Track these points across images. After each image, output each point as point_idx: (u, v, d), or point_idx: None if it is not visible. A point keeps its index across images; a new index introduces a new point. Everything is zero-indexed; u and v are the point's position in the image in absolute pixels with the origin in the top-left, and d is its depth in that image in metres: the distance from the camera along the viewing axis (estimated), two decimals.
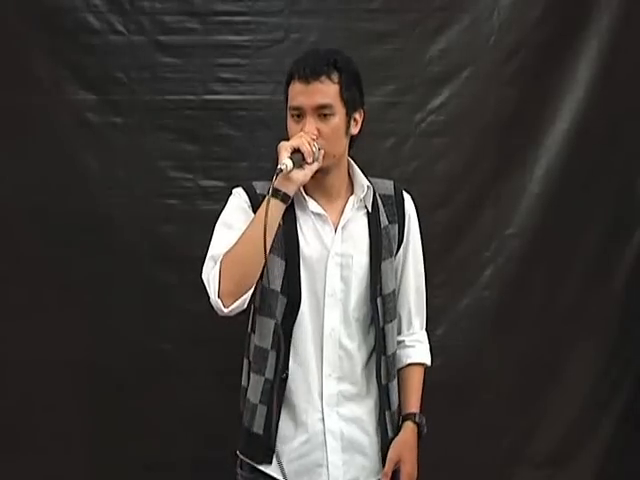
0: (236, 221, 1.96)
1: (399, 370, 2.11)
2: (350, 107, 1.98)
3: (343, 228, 2.00)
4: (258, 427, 2.00)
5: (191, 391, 2.62)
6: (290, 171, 1.86)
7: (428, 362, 2.16)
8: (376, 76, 2.61)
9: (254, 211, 1.95)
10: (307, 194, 2.00)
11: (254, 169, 2.61)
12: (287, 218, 1.96)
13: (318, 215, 2.00)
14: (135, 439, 2.65)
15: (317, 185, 1.99)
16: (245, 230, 1.89)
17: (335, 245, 1.99)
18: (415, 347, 2.13)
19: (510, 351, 2.75)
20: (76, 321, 2.63)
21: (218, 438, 2.30)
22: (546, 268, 2.76)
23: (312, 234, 1.99)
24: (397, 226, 2.05)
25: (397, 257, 2.07)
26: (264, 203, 1.86)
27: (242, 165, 2.63)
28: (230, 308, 1.89)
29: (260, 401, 1.99)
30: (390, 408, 2.05)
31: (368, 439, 2.03)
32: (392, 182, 2.11)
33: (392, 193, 2.08)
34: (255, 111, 2.62)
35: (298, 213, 1.99)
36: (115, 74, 2.60)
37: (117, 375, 2.64)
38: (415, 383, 2.12)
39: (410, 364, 2.12)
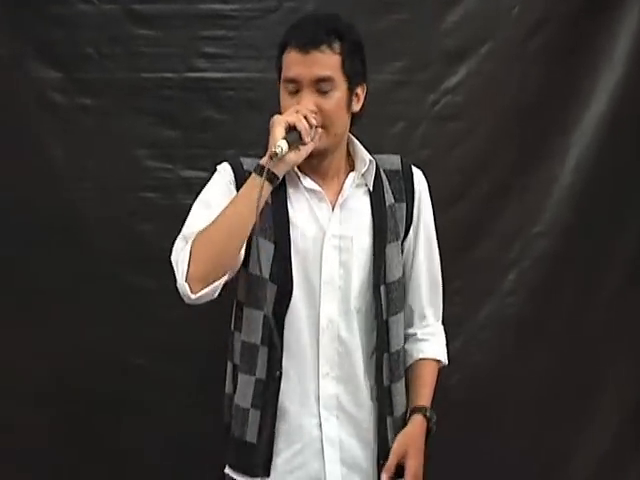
0: (215, 200, 1.99)
1: (409, 365, 2.13)
2: (352, 81, 2.00)
3: (342, 206, 2.02)
4: (251, 435, 2.02)
5: (171, 409, 2.65)
6: (285, 154, 1.88)
7: (444, 359, 2.16)
8: (382, 51, 2.62)
9: (238, 189, 1.98)
10: (301, 171, 2.02)
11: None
12: (277, 196, 1.98)
13: (312, 192, 2.02)
14: (109, 462, 2.68)
15: (312, 165, 2.02)
16: (223, 209, 1.91)
17: (332, 225, 2.01)
18: (429, 341, 2.15)
19: (537, 367, 2.76)
20: (39, 331, 2.65)
21: (201, 458, 2.36)
22: (578, 271, 2.78)
23: (306, 213, 2.02)
24: (405, 205, 2.07)
25: (406, 241, 2.10)
26: (248, 181, 1.90)
27: (229, 153, 2.52)
28: (198, 295, 1.88)
29: (252, 405, 2.01)
30: (392, 414, 2.07)
31: (366, 450, 2.06)
32: (399, 156, 2.13)
33: (399, 168, 2.10)
34: (244, 91, 2.64)
35: (290, 190, 2.02)
36: (84, 49, 2.61)
37: (87, 392, 2.65)
38: (428, 378, 2.12)
39: (422, 359, 2.13)
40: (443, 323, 2.23)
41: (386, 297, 2.04)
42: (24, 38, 2.61)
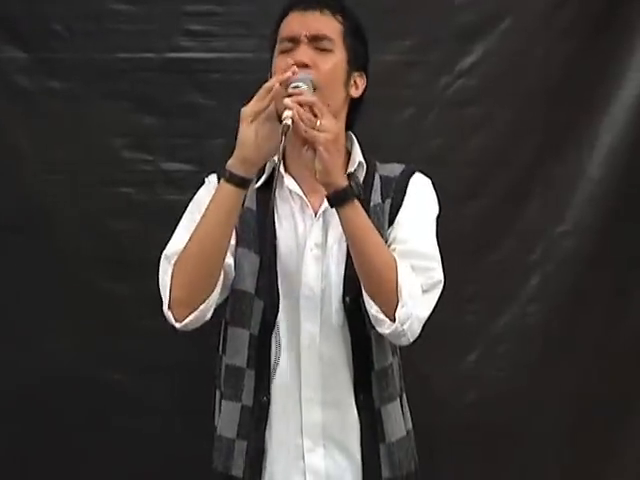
0: (202, 212, 1.97)
1: None
2: (352, 59, 2.01)
3: (325, 213, 2.01)
4: (237, 469, 2.00)
5: (149, 431, 2.62)
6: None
7: (402, 278, 1.89)
8: (389, 29, 2.61)
9: None
10: (286, 170, 2.01)
11: (231, 147, 2.49)
12: (262, 199, 1.98)
13: (297, 196, 2.02)
14: None
15: (302, 159, 1.94)
16: (196, 226, 1.93)
17: (314, 234, 2.01)
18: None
19: (564, 386, 2.73)
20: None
21: None
22: (609, 275, 2.74)
23: (289, 220, 2.02)
24: (390, 200, 2.05)
25: (386, 236, 2.04)
26: (217, 191, 1.91)
27: (216, 143, 2.60)
28: (184, 322, 1.92)
29: (238, 435, 2.00)
30: (385, 439, 2.03)
31: None
32: (403, 166, 2.11)
33: (397, 174, 2.08)
34: (233, 73, 2.62)
35: (276, 192, 1.98)
36: (52, 25, 2.60)
37: (52, 411, 2.63)
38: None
39: None
40: (454, 335, 2.15)
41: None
42: None
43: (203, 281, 1.91)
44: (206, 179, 2.08)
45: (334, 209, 1.93)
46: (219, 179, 2.01)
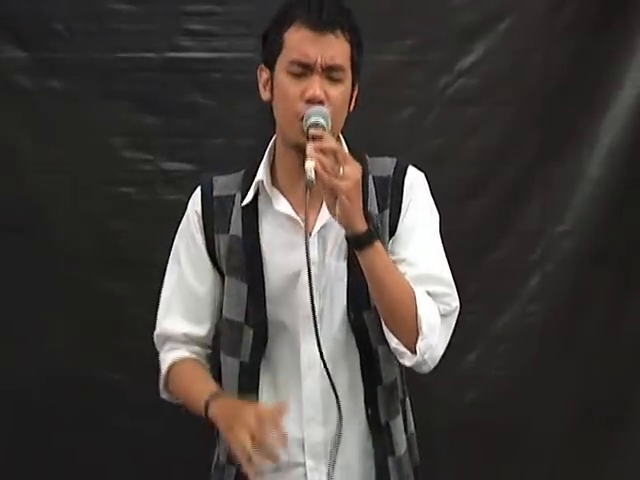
0: (184, 262, 2.02)
1: None
2: (355, 78, 1.95)
3: (320, 230, 1.96)
4: None
5: (149, 431, 2.62)
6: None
7: (421, 310, 1.87)
8: (389, 28, 2.61)
9: (205, 220, 1.97)
10: (274, 184, 1.96)
11: (231, 147, 2.61)
12: (248, 227, 1.96)
13: (288, 217, 1.96)
14: None
15: (298, 175, 1.89)
16: (184, 393, 2.02)
17: (311, 253, 1.92)
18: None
19: (564, 386, 2.72)
20: None
21: None
22: (609, 275, 2.74)
23: (282, 240, 1.96)
24: (389, 212, 1.99)
25: (389, 246, 2.00)
26: (197, 408, 1.92)
27: (216, 142, 2.63)
28: (175, 402, 2.06)
29: (228, 460, 1.98)
30: (394, 453, 2.01)
31: None
32: (395, 160, 2.04)
33: (390, 174, 2.01)
34: (233, 73, 2.61)
35: (261, 215, 1.97)
36: (52, 25, 2.60)
37: (54, 412, 2.63)
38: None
39: None
40: (454, 335, 2.08)
41: (372, 323, 1.95)
42: None
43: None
44: (190, 201, 2.01)
45: (331, 221, 1.90)
46: (202, 192, 2.00)
